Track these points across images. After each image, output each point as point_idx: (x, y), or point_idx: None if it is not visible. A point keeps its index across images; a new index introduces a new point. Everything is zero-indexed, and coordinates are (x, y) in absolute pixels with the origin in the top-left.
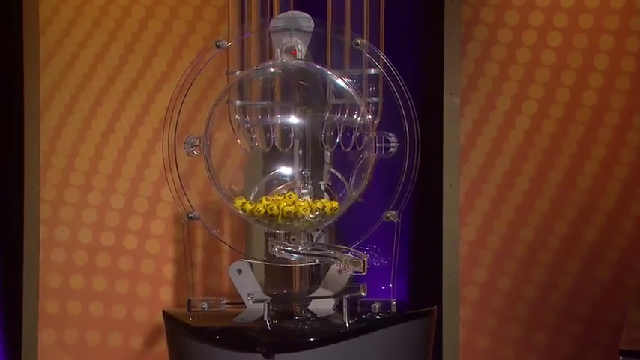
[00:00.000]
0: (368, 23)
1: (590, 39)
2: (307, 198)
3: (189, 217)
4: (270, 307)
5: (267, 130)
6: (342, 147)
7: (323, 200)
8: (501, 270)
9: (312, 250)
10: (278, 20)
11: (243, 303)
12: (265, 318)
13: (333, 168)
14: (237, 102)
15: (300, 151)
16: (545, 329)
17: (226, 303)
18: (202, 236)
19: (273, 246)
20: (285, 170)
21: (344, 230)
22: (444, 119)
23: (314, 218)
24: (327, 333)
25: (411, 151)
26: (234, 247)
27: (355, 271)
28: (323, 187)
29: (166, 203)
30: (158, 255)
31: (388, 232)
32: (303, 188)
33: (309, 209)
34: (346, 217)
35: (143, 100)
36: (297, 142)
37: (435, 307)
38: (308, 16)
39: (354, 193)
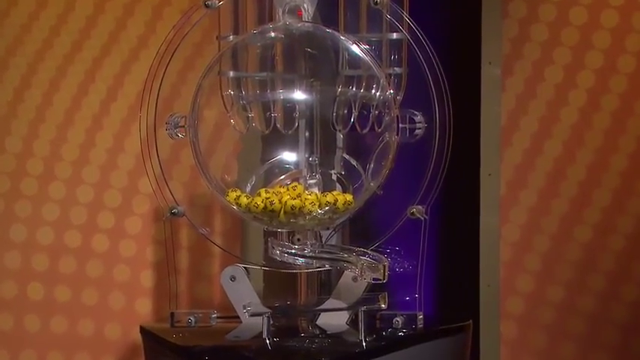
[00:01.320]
0: None
1: None
2: (315, 190)
3: (173, 213)
4: (271, 322)
5: (266, 107)
6: (358, 128)
7: (334, 192)
8: (552, 278)
9: (322, 252)
10: None
11: (238, 317)
12: (265, 335)
13: (347, 153)
14: (231, 73)
15: (307, 133)
16: (606, 349)
17: (217, 317)
18: (188, 236)
19: (274, 248)
20: (289, 156)
21: (360, 229)
22: (482, 94)
23: (323, 214)
24: (340, 353)
25: (441, 133)
26: (227, 250)
27: (373, 279)
28: (334, 177)
29: (144, 196)
30: (134, 259)
31: (413, 232)
32: (311, 178)
33: (317, 203)
34: (362, 213)
35: (116, 71)
36: (302, 121)
37: (471, 322)
38: None
39: (371, 184)
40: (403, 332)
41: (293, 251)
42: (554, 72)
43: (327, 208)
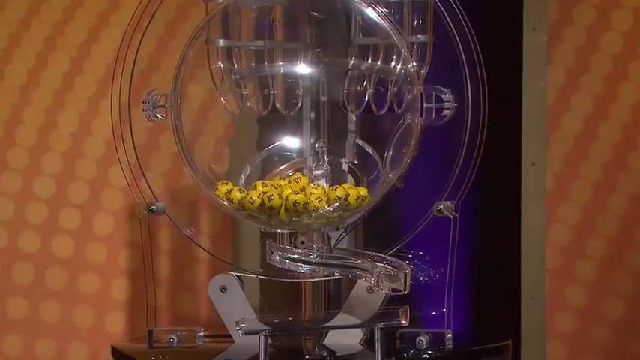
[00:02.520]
0: None
1: None
2: (323, 182)
3: (151, 211)
4: (269, 342)
5: (263, 83)
6: (374, 108)
7: (345, 186)
8: (608, 289)
9: (330, 258)
10: None
11: (230, 335)
12: (262, 357)
13: (361, 139)
14: (221, 42)
15: (313, 115)
16: None
17: (205, 335)
18: (169, 238)
19: (272, 252)
20: (291, 142)
21: (376, 230)
22: (524, 67)
23: (332, 212)
24: None
25: (474, 115)
26: (216, 255)
27: (392, 290)
28: (346, 167)
29: (116, 190)
30: (104, 266)
31: (441, 233)
32: (317, 168)
33: (325, 199)
34: (379, 211)
35: (82, 37)
36: (307, 100)
37: (510, 341)
38: None
39: (390, 175)
40: (428, 354)
41: (296, 256)
42: (612, 40)
43: (336, 204)
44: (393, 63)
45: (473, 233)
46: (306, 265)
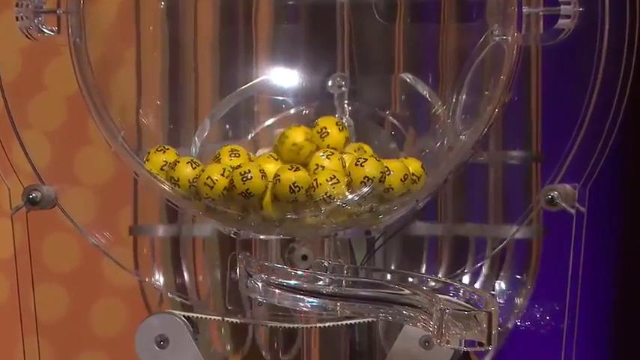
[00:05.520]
0: None
1: None
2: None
3: (31, 201)
4: None
5: None
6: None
7: (385, 161)
8: None
9: (355, 286)
10: None
11: None
12: None
13: (408, 71)
14: None
15: (323, 29)
16: None
17: None
18: (64, 248)
19: (251, 276)
20: (284, 76)
21: (436, 236)
22: None
23: (359, 202)
24: None
25: (614, 31)
26: (141, 277)
27: (467, 343)
28: (385, 123)
29: None
30: None
31: (555, 241)
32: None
33: (345, 179)
34: (441, 201)
35: None
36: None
37: None
38: None
39: (463, 137)
40: None
41: (293, 282)
42: None
43: (365, 189)
44: None
45: (614, 241)
46: (311, 299)
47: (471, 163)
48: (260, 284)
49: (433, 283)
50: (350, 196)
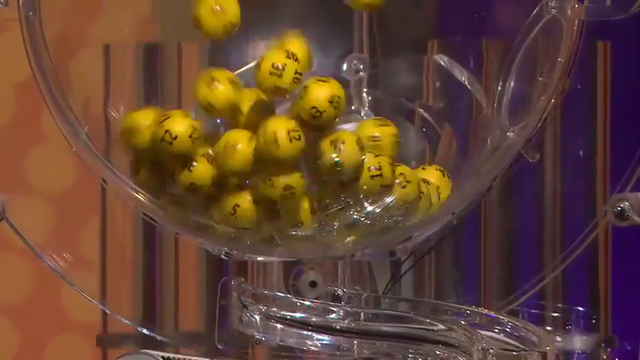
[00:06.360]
0: None
1: None
2: (356, 147)
3: None
4: None
5: None
6: None
7: (403, 167)
8: None
9: (376, 319)
10: None
11: None
12: None
13: (442, 52)
14: None
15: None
16: None
17: None
18: (10, 272)
19: (247, 308)
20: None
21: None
22: None
23: (383, 211)
24: None
25: None
26: (113, 310)
27: None
28: (418, 114)
29: None
30: None
31: (623, 258)
32: (346, 114)
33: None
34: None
35: None
36: None
37: None
38: None
39: (510, 134)
40: None
41: (299, 316)
42: None
43: (390, 199)
44: None
45: None
46: (322, 337)
47: (521, 166)
48: (258, 318)
49: (473, 317)
50: (370, 208)
